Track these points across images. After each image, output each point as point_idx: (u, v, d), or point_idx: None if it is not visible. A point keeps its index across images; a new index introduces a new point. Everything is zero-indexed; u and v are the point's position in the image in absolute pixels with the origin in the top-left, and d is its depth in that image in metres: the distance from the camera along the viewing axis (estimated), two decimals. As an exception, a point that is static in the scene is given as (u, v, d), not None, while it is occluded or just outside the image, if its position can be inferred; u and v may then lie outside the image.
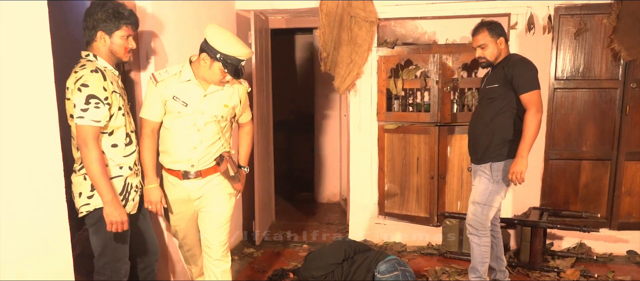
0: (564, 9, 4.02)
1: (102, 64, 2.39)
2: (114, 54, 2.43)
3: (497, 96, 3.07)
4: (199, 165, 2.70)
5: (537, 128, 2.95)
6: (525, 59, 3.08)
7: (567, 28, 4.05)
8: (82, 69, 2.30)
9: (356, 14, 4.16)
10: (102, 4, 2.38)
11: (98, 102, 2.27)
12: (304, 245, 4.51)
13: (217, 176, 2.79)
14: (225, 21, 4.16)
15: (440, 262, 4.09)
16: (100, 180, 2.29)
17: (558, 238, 4.30)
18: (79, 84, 2.25)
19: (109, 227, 2.35)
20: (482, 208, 3.13)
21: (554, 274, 3.76)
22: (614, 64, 4.03)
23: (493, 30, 3.08)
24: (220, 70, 2.55)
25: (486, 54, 3.11)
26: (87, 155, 2.28)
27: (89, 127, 2.27)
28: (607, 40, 3.98)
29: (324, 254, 3.39)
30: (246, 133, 3.06)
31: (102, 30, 2.37)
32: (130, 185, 2.49)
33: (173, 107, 2.61)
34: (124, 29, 2.41)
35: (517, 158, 2.97)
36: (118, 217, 2.34)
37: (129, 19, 2.43)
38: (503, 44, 3.11)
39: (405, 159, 4.43)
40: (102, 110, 2.29)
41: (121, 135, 2.43)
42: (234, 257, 4.22)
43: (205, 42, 2.52)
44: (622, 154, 4.12)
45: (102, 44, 2.39)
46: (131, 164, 2.50)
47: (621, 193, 4.17)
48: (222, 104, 2.69)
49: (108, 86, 2.33)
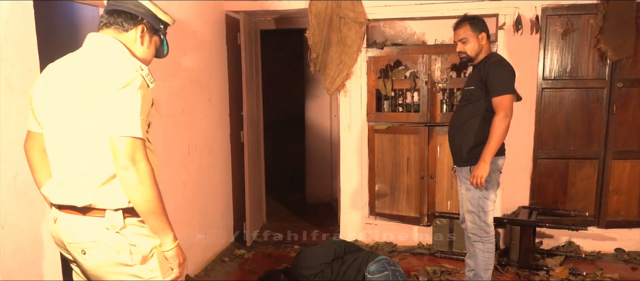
0: (551, 9, 4.05)
1: None
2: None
3: (474, 98, 3.02)
4: None
5: (503, 133, 2.88)
6: (503, 60, 3.03)
7: (554, 28, 4.08)
8: None
9: (345, 15, 4.17)
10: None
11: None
12: (294, 246, 4.51)
13: None
14: (214, 22, 4.15)
15: (431, 262, 4.10)
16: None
17: (547, 237, 4.33)
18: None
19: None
20: (477, 216, 3.08)
21: (543, 272, 3.79)
22: (601, 64, 4.07)
23: (475, 25, 3.02)
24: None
25: (467, 49, 3.03)
26: None
27: None
28: (594, 40, 4.02)
29: (314, 254, 3.39)
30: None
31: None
32: None
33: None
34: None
35: (479, 162, 2.92)
36: None
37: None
38: (484, 40, 3.03)
39: (395, 159, 4.44)
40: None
41: None
42: (225, 259, 4.21)
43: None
44: (610, 153, 4.16)
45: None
46: None
47: (609, 191, 4.21)
48: None
49: None
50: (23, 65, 2.06)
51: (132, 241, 1.65)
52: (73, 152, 1.63)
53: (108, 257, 1.65)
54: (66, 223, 1.68)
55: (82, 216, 1.65)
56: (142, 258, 1.67)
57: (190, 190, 3.76)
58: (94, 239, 1.64)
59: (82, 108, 1.58)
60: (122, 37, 1.74)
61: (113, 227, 1.63)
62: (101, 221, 1.63)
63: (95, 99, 1.55)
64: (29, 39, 2.09)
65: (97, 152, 1.60)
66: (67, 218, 1.68)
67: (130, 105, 1.55)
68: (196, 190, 3.86)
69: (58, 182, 1.68)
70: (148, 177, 1.57)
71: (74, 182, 1.64)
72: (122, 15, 1.73)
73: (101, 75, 1.56)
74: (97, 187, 1.62)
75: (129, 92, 1.55)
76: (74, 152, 1.63)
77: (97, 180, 1.62)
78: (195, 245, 3.86)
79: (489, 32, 3.08)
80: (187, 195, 3.72)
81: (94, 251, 1.65)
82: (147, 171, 1.57)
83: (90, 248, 1.64)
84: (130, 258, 1.65)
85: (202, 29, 3.91)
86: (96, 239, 1.64)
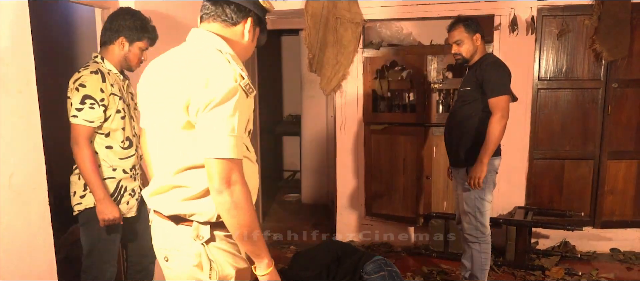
0: (546, 10, 4.07)
1: (108, 67, 2.44)
2: (127, 61, 2.49)
3: (470, 99, 3.03)
4: None
5: (500, 134, 2.90)
6: (498, 61, 3.03)
7: (550, 29, 4.10)
8: (84, 69, 2.35)
9: (341, 15, 4.18)
10: (132, 13, 2.46)
11: (93, 102, 2.30)
12: (291, 247, 4.51)
13: None
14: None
15: (427, 262, 4.10)
16: (91, 177, 2.31)
17: (543, 237, 4.34)
18: (77, 84, 2.29)
19: (101, 223, 2.37)
20: (474, 216, 3.08)
21: (539, 272, 3.80)
22: (596, 65, 4.08)
23: (469, 27, 3.02)
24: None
25: (462, 51, 3.04)
26: (78, 154, 2.30)
27: (82, 127, 2.29)
28: (589, 41, 4.03)
29: (310, 255, 3.38)
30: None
31: (124, 36, 2.43)
32: (123, 188, 2.50)
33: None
34: (144, 42, 2.49)
35: (477, 163, 2.93)
36: (110, 214, 2.36)
37: (151, 35, 2.51)
38: (479, 41, 3.04)
39: (391, 160, 4.44)
40: (97, 111, 2.31)
41: (118, 137, 2.45)
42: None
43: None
44: (605, 153, 4.17)
45: (119, 48, 2.45)
46: (128, 167, 2.51)
47: (604, 191, 4.22)
48: None
49: (107, 88, 2.35)
50: (18, 65, 2.05)
51: (213, 256, 1.57)
52: (167, 159, 1.56)
53: (186, 269, 1.58)
54: (157, 227, 1.65)
55: (170, 224, 1.59)
56: (218, 276, 1.57)
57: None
58: (177, 247, 1.58)
59: (178, 118, 1.47)
60: (228, 32, 1.59)
61: (199, 238, 1.55)
62: (188, 231, 1.56)
63: (192, 111, 1.43)
64: (24, 39, 2.08)
65: (190, 163, 1.51)
66: (158, 222, 1.64)
67: (226, 124, 1.40)
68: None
69: (155, 188, 1.62)
70: (243, 201, 1.44)
71: (169, 192, 1.57)
72: (231, 6, 1.57)
73: (200, 85, 1.40)
74: (187, 199, 1.54)
75: (227, 109, 1.40)
76: (168, 159, 1.56)
77: (189, 193, 1.53)
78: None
79: (483, 32, 3.08)
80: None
81: (176, 260, 1.59)
82: (242, 194, 1.44)
83: (172, 256, 1.59)
84: (208, 273, 1.56)
85: (198, 29, 3.89)
86: (179, 248, 1.57)
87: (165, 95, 1.52)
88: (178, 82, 1.47)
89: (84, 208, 2.43)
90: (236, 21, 1.59)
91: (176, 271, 1.60)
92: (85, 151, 2.30)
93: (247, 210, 1.46)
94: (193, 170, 1.51)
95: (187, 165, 1.51)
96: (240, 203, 1.44)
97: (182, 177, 1.53)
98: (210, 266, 1.56)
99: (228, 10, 1.57)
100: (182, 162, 1.52)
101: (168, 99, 1.50)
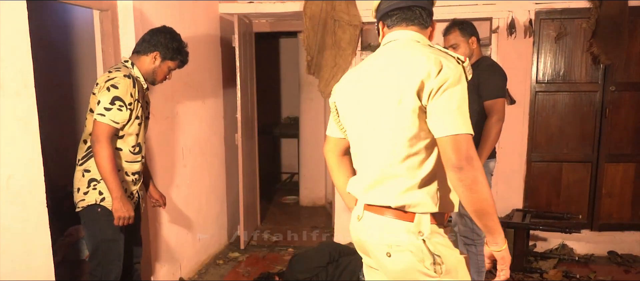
0: (544, 13, 4.08)
1: (136, 73, 2.50)
2: (154, 75, 2.57)
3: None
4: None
5: (496, 137, 2.90)
6: (495, 64, 3.04)
7: (547, 32, 4.11)
8: (116, 71, 2.39)
9: (340, 17, 4.18)
10: (173, 34, 2.56)
11: (122, 105, 2.33)
12: (289, 249, 4.50)
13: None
14: (208, 24, 4.15)
15: (425, 264, 4.09)
16: (111, 176, 2.33)
17: (541, 240, 4.34)
18: (109, 84, 2.32)
19: (116, 222, 2.39)
20: (470, 219, 3.05)
21: (537, 275, 3.80)
22: (594, 68, 4.09)
23: (464, 30, 3.02)
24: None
25: (459, 54, 3.05)
26: (99, 152, 2.31)
27: (107, 126, 2.32)
28: (587, 44, 4.04)
29: (308, 257, 3.39)
30: None
31: (159, 52, 2.51)
32: (125, 190, 2.49)
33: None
34: (175, 63, 2.59)
35: None
36: (125, 213, 2.39)
37: (183, 58, 2.61)
38: (475, 44, 3.04)
39: (389, 162, 4.44)
40: (124, 114, 2.35)
41: (131, 141, 2.48)
42: (219, 261, 4.19)
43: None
44: (603, 156, 4.18)
45: (150, 61, 2.53)
46: (132, 171, 2.54)
47: (602, 194, 4.23)
48: None
49: (135, 93, 2.40)
50: (16, 67, 2.05)
51: (436, 251, 1.58)
52: (386, 151, 1.59)
53: (412, 264, 1.59)
54: (372, 222, 1.66)
55: (389, 219, 1.61)
56: (446, 271, 1.59)
57: (183, 192, 3.74)
58: (397, 243, 1.60)
59: (406, 105, 1.52)
60: (422, 35, 1.70)
61: (420, 234, 1.58)
62: (408, 226, 1.59)
63: (425, 95, 1.50)
64: (22, 41, 2.08)
65: (414, 152, 1.55)
66: (373, 218, 1.66)
67: (460, 102, 1.48)
68: (190, 193, 3.85)
69: (371, 182, 1.65)
70: (481, 175, 1.46)
71: (390, 183, 1.60)
72: (425, 12, 1.69)
73: (434, 70, 1.48)
74: (410, 188, 1.57)
75: (461, 88, 1.50)
76: (387, 152, 1.59)
77: (413, 181, 1.57)
78: (189, 248, 3.84)
79: (478, 35, 3.09)
80: (181, 198, 3.71)
81: (399, 255, 1.60)
82: (480, 168, 1.46)
83: (395, 251, 1.61)
84: (434, 268, 1.58)
85: (196, 31, 3.90)
86: (400, 243, 1.59)
87: (386, 90, 1.57)
88: (403, 72, 1.54)
89: (87, 205, 2.43)
90: (427, 25, 1.72)
91: (401, 266, 1.61)
92: (107, 149, 2.32)
93: (485, 184, 1.48)
94: (413, 157, 1.56)
95: (410, 153, 1.56)
96: (479, 178, 1.46)
97: (403, 167, 1.57)
98: (434, 261, 1.58)
99: (424, 15, 1.70)
100: (405, 150, 1.56)
101: (392, 92, 1.56)
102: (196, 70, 3.89)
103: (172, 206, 3.56)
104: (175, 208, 3.62)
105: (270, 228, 5.17)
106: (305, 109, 5.96)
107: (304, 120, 6.00)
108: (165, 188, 3.45)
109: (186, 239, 3.78)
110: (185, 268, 3.77)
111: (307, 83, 5.77)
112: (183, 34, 2.62)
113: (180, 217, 3.69)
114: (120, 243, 2.52)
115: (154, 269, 3.33)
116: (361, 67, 1.75)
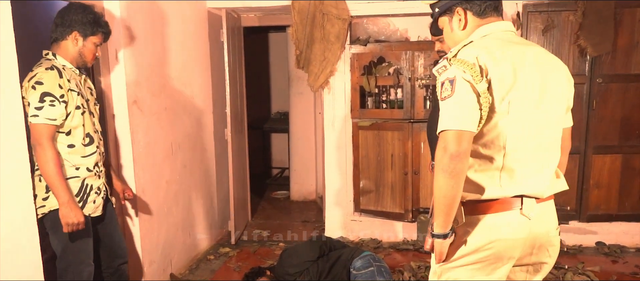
0: (531, 6, 4.09)
1: (61, 63, 2.36)
2: (82, 57, 2.42)
3: None
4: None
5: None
6: None
7: (535, 25, 4.12)
8: (37, 67, 2.27)
9: (328, 11, 4.17)
10: (84, 7, 2.40)
11: (53, 99, 2.22)
12: (280, 244, 4.50)
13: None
14: (196, 19, 4.12)
15: (416, 257, 4.12)
16: (56, 180, 2.23)
17: (529, 231, 4.38)
18: (33, 82, 2.21)
19: (65, 229, 2.30)
20: None
21: (525, 266, 3.83)
22: (581, 60, 4.12)
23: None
24: None
25: (444, 48, 2.99)
26: (41, 155, 2.22)
27: (44, 126, 2.21)
28: (574, 36, 4.06)
29: (299, 251, 3.39)
30: None
31: (77, 31, 2.37)
32: (89, 187, 2.44)
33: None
34: (98, 37, 2.44)
35: None
36: (74, 218, 2.29)
37: (104, 29, 2.46)
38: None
39: (379, 156, 4.45)
40: (58, 108, 2.24)
41: (79, 134, 2.38)
42: (209, 257, 4.19)
43: None
44: (590, 148, 4.22)
45: (72, 44, 2.38)
46: (91, 165, 2.44)
47: (590, 186, 4.27)
48: None
49: (64, 84, 2.28)
50: (1, 64, 2.02)
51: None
52: (552, 147, 1.74)
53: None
54: (549, 209, 1.80)
55: (552, 202, 1.83)
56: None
57: (173, 188, 3.73)
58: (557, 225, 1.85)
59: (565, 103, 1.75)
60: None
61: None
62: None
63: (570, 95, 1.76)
64: (6, 38, 2.05)
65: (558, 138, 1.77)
66: (549, 206, 1.80)
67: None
68: (180, 189, 3.83)
69: (550, 179, 1.77)
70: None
71: (551, 172, 1.76)
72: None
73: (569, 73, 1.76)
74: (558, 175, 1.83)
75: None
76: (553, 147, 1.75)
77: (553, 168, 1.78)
78: (179, 244, 3.83)
79: None
80: (171, 194, 3.69)
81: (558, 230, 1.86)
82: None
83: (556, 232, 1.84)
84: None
85: (184, 26, 3.87)
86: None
87: (556, 86, 1.68)
88: (565, 72, 1.73)
89: (48, 210, 2.35)
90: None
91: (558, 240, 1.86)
92: (49, 152, 2.22)
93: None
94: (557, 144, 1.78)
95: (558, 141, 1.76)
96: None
97: (557, 157, 1.78)
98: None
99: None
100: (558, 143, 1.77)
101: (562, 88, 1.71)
102: (184, 66, 3.87)
103: (162, 202, 3.55)
104: (165, 204, 3.60)
105: (261, 223, 5.17)
106: (295, 103, 5.95)
107: (293, 115, 5.99)
108: (155, 184, 3.43)
109: (176, 235, 3.77)
110: (176, 264, 3.76)
111: (296, 77, 5.76)
112: (171, 30, 2.60)
113: (170, 213, 3.67)
114: (88, 242, 2.45)
115: (143, 266, 3.31)
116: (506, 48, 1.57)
